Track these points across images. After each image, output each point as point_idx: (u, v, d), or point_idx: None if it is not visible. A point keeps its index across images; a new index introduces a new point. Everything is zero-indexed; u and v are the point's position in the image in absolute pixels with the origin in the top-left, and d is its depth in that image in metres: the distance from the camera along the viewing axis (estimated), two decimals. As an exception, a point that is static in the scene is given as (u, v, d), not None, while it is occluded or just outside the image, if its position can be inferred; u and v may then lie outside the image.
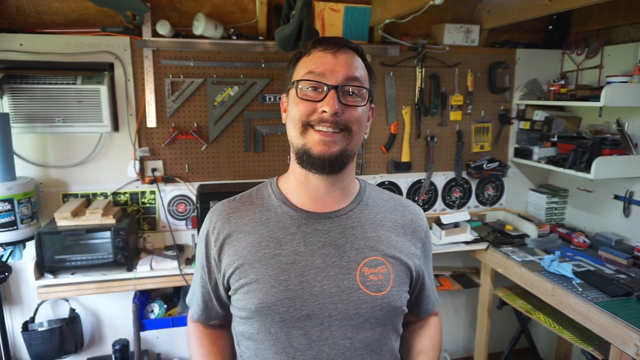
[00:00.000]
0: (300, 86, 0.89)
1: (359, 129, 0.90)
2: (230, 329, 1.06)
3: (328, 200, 0.95)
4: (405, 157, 2.59)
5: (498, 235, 2.51)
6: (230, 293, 0.96)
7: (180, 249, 2.29)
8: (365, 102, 0.91)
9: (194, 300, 1.06)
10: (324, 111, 0.85)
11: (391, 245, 0.96)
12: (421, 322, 1.13)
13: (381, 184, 2.59)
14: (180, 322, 2.15)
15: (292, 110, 0.90)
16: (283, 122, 0.97)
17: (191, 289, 1.08)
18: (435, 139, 2.60)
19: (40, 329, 2.12)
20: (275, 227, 0.94)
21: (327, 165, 0.88)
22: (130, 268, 2.06)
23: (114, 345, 2.22)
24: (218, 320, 1.06)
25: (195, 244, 2.29)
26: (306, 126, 0.88)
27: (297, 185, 0.96)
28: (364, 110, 0.92)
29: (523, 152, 2.64)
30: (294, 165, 0.95)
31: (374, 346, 0.92)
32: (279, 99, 2.34)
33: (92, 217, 2.02)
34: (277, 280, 0.89)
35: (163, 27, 2.08)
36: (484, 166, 2.64)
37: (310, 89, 0.88)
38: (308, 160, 0.89)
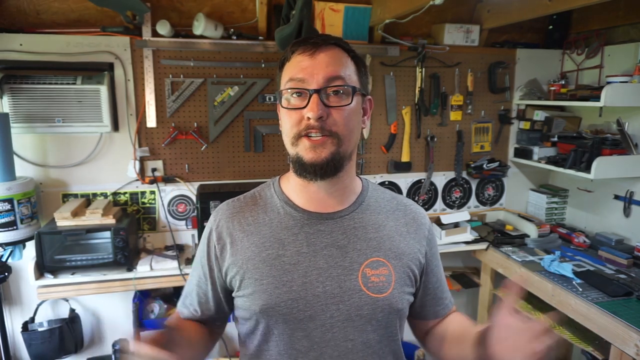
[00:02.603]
0: (284, 96, 0.88)
1: (347, 130, 0.87)
2: (215, 337, 1.06)
3: (329, 201, 0.95)
4: (405, 157, 2.59)
5: (498, 235, 2.51)
6: (233, 294, 0.95)
7: (180, 249, 2.29)
8: (351, 100, 0.87)
9: (186, 301, 1.03)
10: (309, 117, 0.84)
11: (393, 246, 0.95)
12: (444, 319, 1.08)
13: (381, 184, 2.59)
14: (180, 322, 2.15)
15: (284, 121, 0.90)
16: (280, 129, 0.96)
17: (184, 291, 1.05)
18: (435, 139, 2.60)
19: (40, 329, 2.12)
20: (278, 228, 0.93)
21: (319, 171, 0.87)
22: (130, 268, 2.06)
23: (114, 345, 2.22)
24: (208, 325, 1.03)
25: (196, 244, 2.30)
26: (297, 137, 0.86)
27: (298, 187, 0.95)
28: (353, 109, 0.88)
29: (523, 152, 2.64)
30: (292, 171, 0.95)
31: (375, 348, 0.92)
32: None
33: (92, 217, 2.02)
34: (281, 282, 0.89)
35: (163, 27, 2.08)
36: (484, 166, 2.64)
37: (294, 95, 0.87)
38: (301, 168, 0.88)
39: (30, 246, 2.02)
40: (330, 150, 0.85)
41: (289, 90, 0.87)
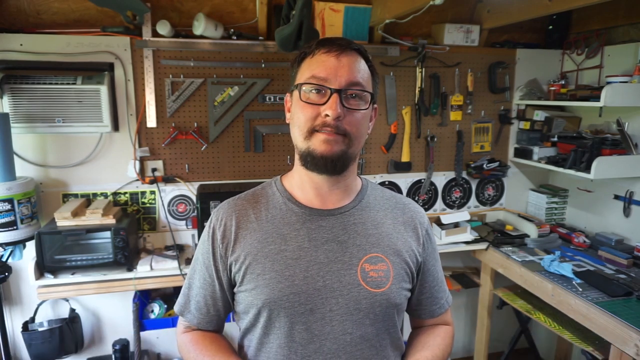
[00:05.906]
0: (303, 89, 0.90)
1: (359, 133, 0.91)
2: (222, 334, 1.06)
3: (331, 197, 0.97)
4: (405, 157, 2.59)
5: (498, 235, 2.51)
6: (235, 289, 0.97)
7: (180, 249, 2.29)
8: (368, 106, 0.92)
9: (191, 305, 1.01)
10: (327, 115, 0.86)
11: (392, 242, 0.97)
12: (429, 327, 1.09)
13: (381, 184, 2.59)
14: (180, 322, 2.15)
15: (297, 115, 0.91)
16: (287, 121, 0.98)
17: (184, 295, 1.03)
18: (435, 139, 2.60)
19: (40, 329, 2.12)
20: (281, 224, 0.95)
21: (330, 165, 0.89)
22: (130, 268, 2.06)
23: (114, 345, 2.21)
24: (213, 327, 1.03)
25: (196, 244, 2.30)
26: (311, 131, 0.89)
27: (301, 183, 0.98)
28: (366, 114, 0.92)
29: (523, 152, 2.64)
30: (298, 166, 0.97)
31: (373, 341, 0.94)
32: (279, 99, 2.35)
33: (92, 217, 2.02)
34: (283, 276, 0.90)
35: (163, 27, 2.08)
36: (484, 166, 2.64)
37: (313, 91, 0.89)
38: (312, 161, 0.90)
39: (31, 246, 2.02)
40: (341, 147, 0.89)
41: (310, 86, 0.89)
